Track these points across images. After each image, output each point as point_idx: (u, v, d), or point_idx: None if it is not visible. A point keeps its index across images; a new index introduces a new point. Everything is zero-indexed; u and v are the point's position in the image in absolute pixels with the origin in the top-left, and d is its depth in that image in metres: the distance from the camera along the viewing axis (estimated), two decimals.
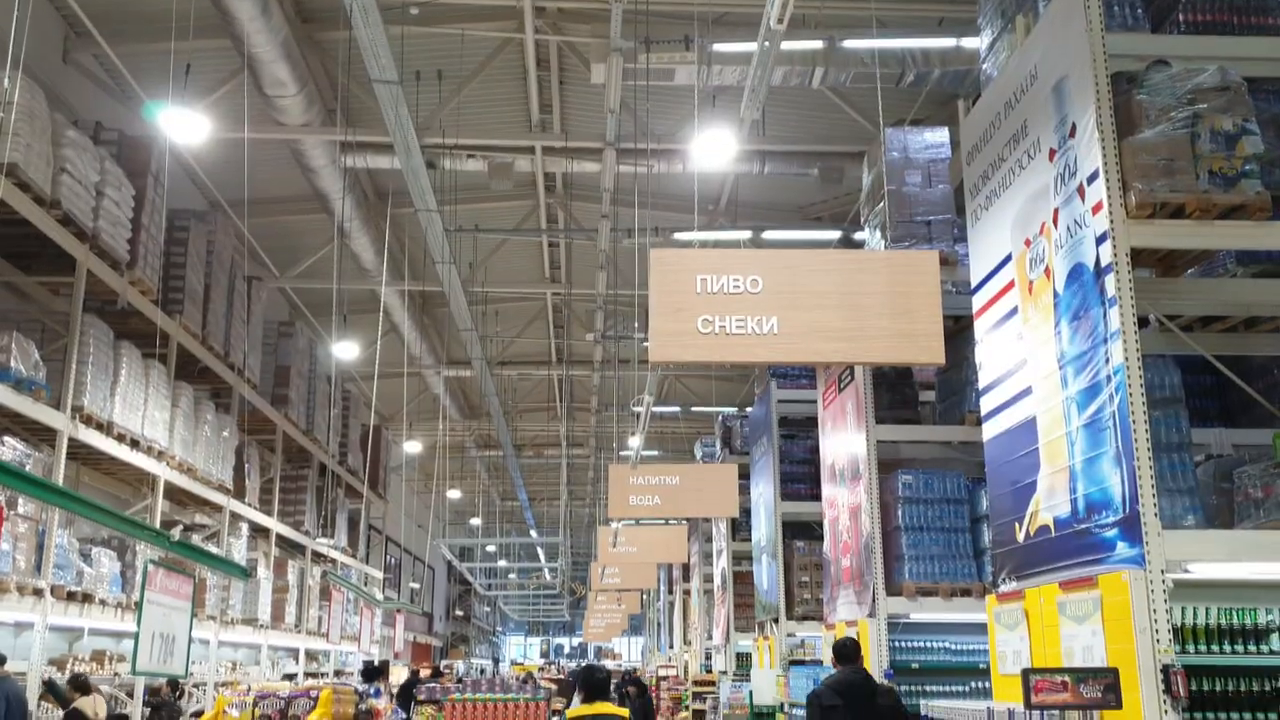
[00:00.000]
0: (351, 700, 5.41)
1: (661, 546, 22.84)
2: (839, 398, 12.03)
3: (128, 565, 11.74)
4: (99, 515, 7.58)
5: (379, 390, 22.00)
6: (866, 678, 7.79)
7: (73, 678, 9.84)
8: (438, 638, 41.24)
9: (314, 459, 19.11)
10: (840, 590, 12.00)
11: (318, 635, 19.52)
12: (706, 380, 24.17)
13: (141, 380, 11.64)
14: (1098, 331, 6.46)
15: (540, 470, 34.77)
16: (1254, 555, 6.21)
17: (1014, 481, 7.51)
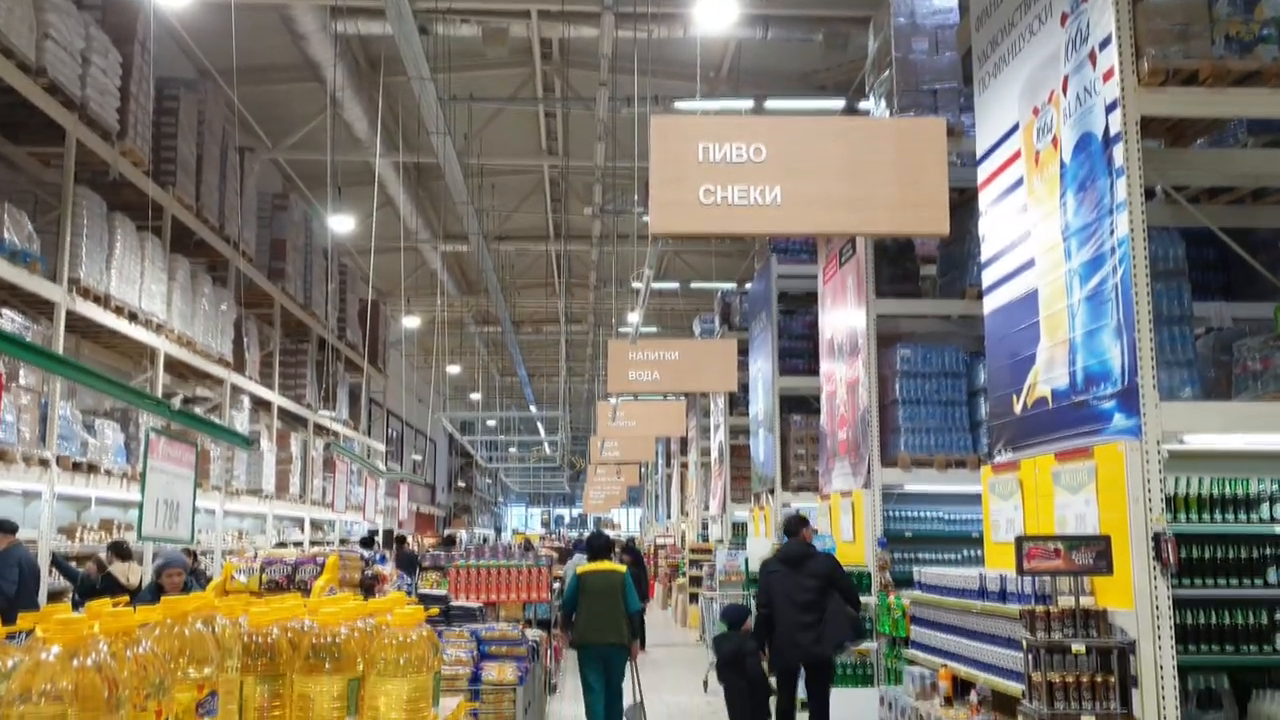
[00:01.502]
0: (358, 566, 5.51)
1: (660, 420, 23.11)
2: (840, 272, 11.98)
3: (131, 437, 11.86)
4: (100, 384, 7.60)
5: (376, 266, 21.89)
6: (803, 547, 8.46)
7: (113, 544, 10.08)
8: (440, 508, 42.04)
9: (313, 333, 19.13)
10: (836, 462, 12.17)
11: (322, 505, 19.87)
12: (706, 255, 24.02)
13: (137, 253, 11.56)
14: (1104, 203, 6.38)
15: (539, 346, 34.90)
16: (1249, 427, 6.27)
17: (1013, 354, 7.53)
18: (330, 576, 5.04)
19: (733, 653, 8.15)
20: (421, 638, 2.41)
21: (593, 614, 8.40)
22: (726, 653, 8.30)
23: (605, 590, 8.48)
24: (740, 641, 8.25)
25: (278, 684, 2.30)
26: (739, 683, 8.13)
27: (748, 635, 8.28)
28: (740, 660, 8.09)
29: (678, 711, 10.83)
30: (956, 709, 6.68)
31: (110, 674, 1.54)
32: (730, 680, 8.23)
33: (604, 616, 8.41)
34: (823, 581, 8.16)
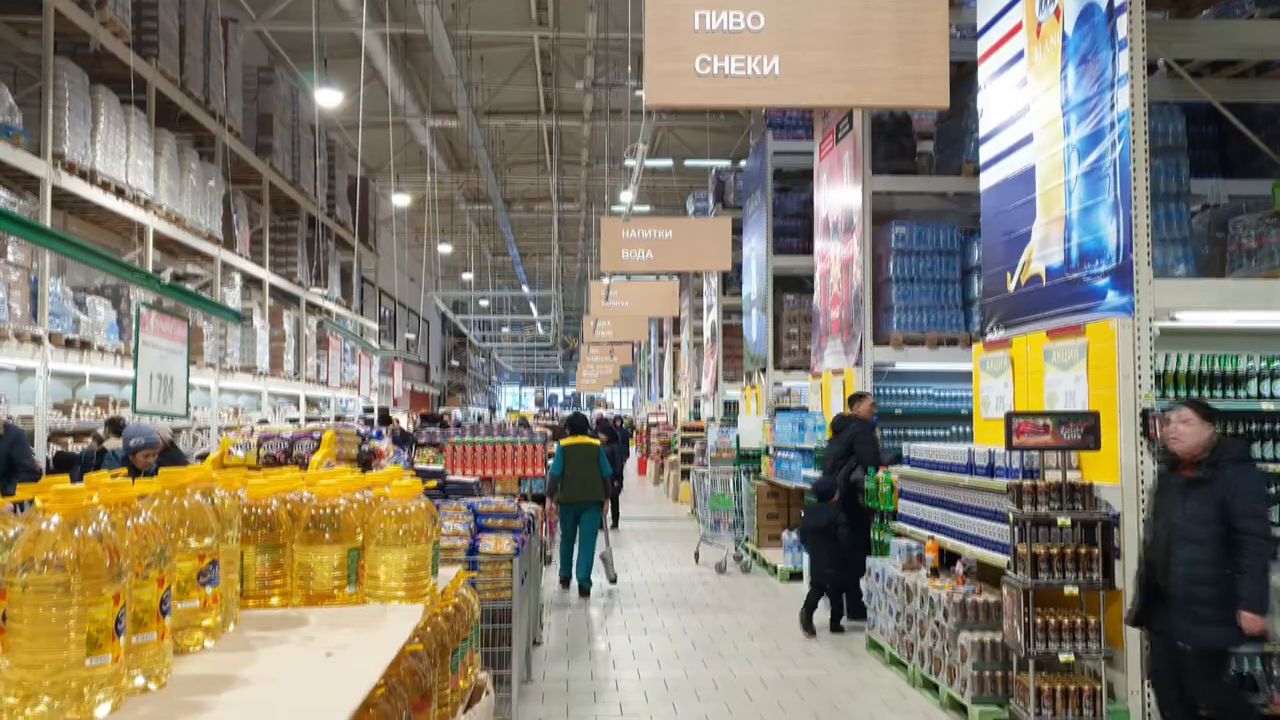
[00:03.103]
0: (354, 442, 5.54)
1: (653, 300, 23.10)
2: (836, 148, 11.81)
3: (123, 314, 11.83)
4: (90, 258, 7.52)
5: (365, 142, 21.52)
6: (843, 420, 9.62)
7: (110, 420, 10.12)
8: (435, 387, 42.30)
9: (302, 210, 18.92)
10: (828, 341, 12.21)
11: (317, 383, 19.98)
12: (700, 132, 23.63)
13: (122, 127, 11.32)
14: (1105, 76, 6.25)
15: (531, 225, 34.60)
16: (1242, 304, 6.28)
17: (1008, 231, 7.49)
18: (327, 451, 5.09)
19: (828, 522, 8.77)
20: (420, 509, 2.43)
21: (574, 477, 10.35)
22: (818, 522, 8.88)
23: (584, 458, 10.43)
24: (832, 513, 8.82)
25: (278, 554, 2.33)
26: (827, 549, 8.74)
27: (836, 507, 8.87)
28: (832, 529, 8.72)
29: (670, 581, 11.12)
30: (942, 580, 6.86)
31: (111, 543, 1.55)
32: (818, 545, 8.85)
33: (583, 479, 10.39)
34: (844, 446, 9.15)
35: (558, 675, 7.25)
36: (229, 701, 1.59)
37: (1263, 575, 4.74)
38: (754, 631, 8.67)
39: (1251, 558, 4.72)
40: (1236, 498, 4.78)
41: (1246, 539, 4.73)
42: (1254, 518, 4.76)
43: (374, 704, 1.87)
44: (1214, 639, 4.86)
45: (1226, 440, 5.05)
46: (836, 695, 6.74)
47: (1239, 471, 4.87)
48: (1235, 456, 4.93)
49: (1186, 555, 4.90)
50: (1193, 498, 4.92)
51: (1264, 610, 4.74)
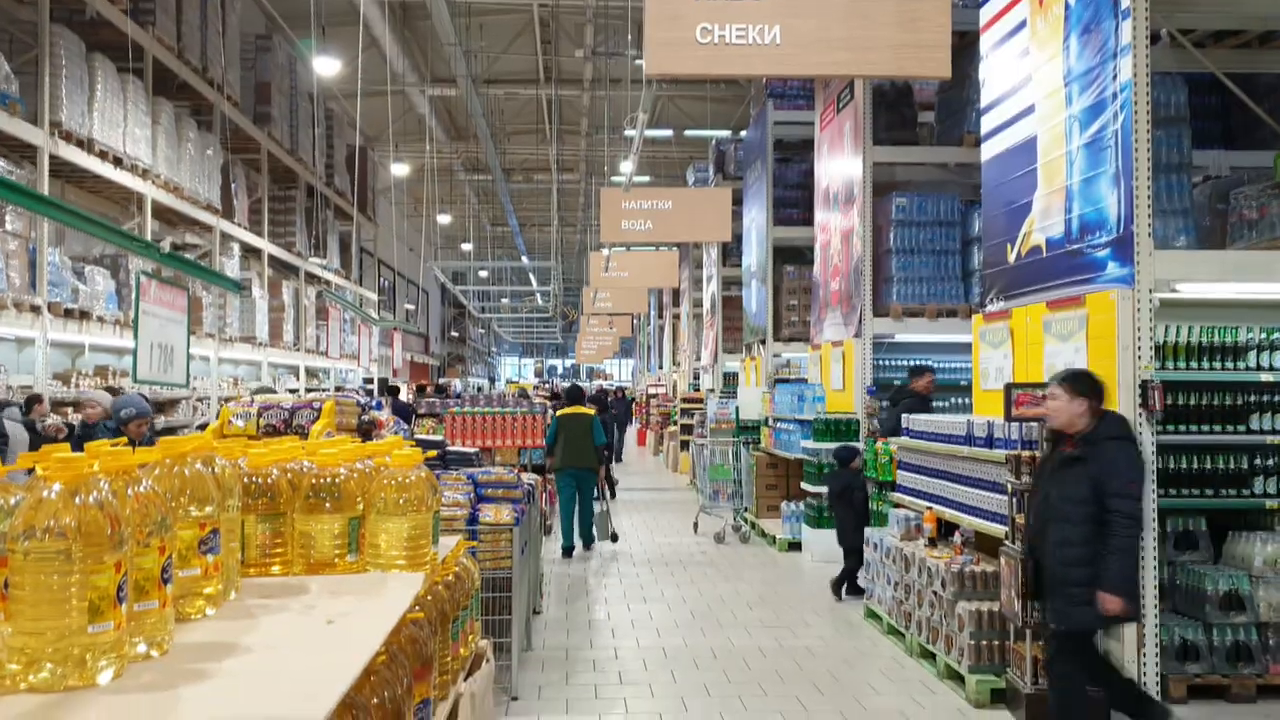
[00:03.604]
0: (355, 412, 5.55)
1: (653, 271, 23.07)
2: (837, 118, 11.75)
3: (122, 284, 11.80)
4: (89, 226, 7.50)
5: (363, 110, 21.39)
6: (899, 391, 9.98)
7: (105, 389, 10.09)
8: (434, 358, 42.32)
9: (301, 180, 18.85)
10: (828, 312, 12.20)
11: (316, 353, 19.98)
12: (700, 101, 23.50)
13: (119, 95, 11.26)
14: (1108, 46, 6.21)
15: (530, 195, 34.48)
16: (1242, 276, 6.27)
17: (1009, 202, 7.46)
18: (327, 421, 5.09)
19: (843, 487, 8.83)
20: (420, 478, 2.44)
21: (568, 446, 10.92)
22: (836, 488, 8.95)
23: (578, 428, 11.03)
24: (849, 477, 8.90)
25: (278, 523, 2.34)
26: (848, 513, 8.79)
27: (856, 472, 8.94)
28: (849, 494, 8.80)
29: (669, 551, 11.18)
30: (940, 550, 6.89)
31: (113, 511, 1.55)
32: (840, 511, 8.91)
33: (577, 447, 10.95)
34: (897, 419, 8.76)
35: (557, 644, 7.30)
36: (231, 669, 1.60)
37: (1127, 557, 4.62)
38: (752, 601, 8.73)
39: (1117, 538, 4.60)
40: (1109, 476, 4.67)
41: (1114, 518, 4.61)
42: (1124, 497, 4.63)
43: (375, 671, 1.89)
44: (1084, 621, 4.75)
45: (1109, 416, 4.92)
46: (834, 664, 6.79)
47: (1114, 449, 4.74)
48: (1112, 434, 4.80)
49: (1059, 535, 4.81)
50: (1068, 475, 4.82)
51: (1125, 593, 4.60)
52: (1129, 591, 4.65)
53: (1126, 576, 4.64)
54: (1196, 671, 5.93)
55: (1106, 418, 4.90)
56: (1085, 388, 4.91)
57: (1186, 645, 5.94)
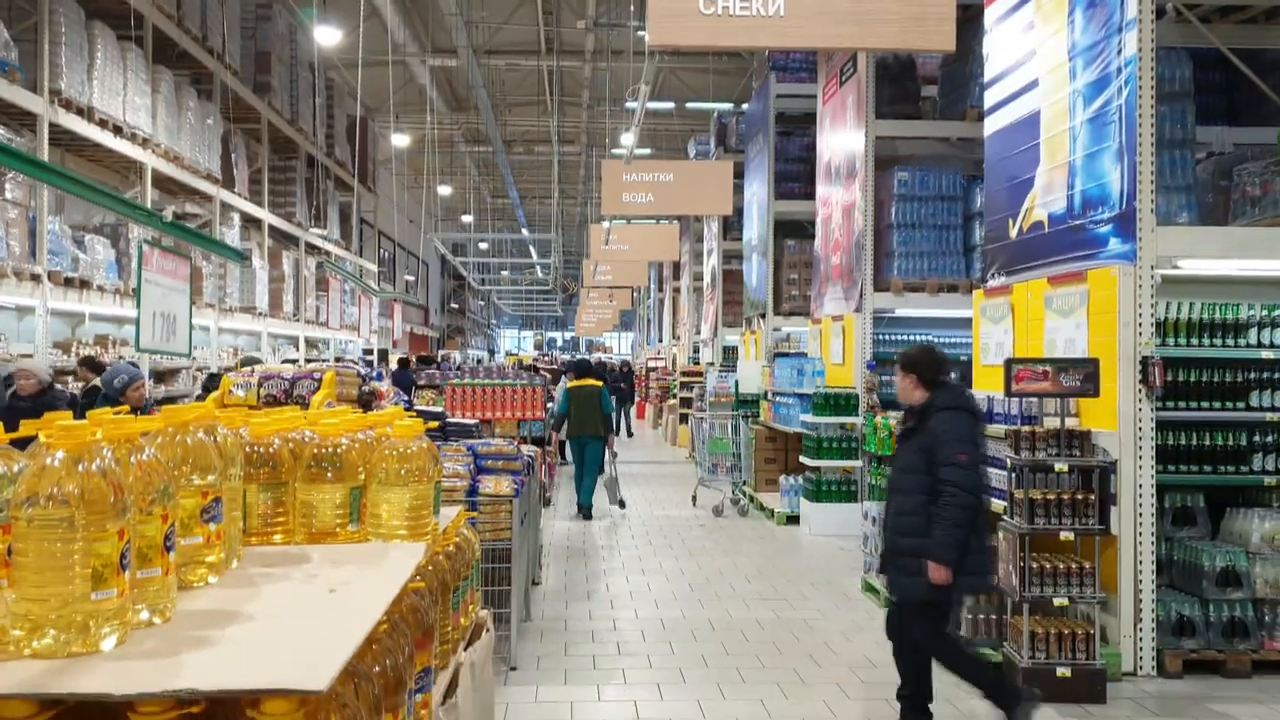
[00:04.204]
0: (355, 383, 5.55)
1: (653, 244, 23.01)
2: (840, 92, 11.69)
3: (122, 253, 11.77)
4: (91, 194, 7.48)
5: (364, 81, 21.26)
6: None
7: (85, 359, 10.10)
8: (434, 329, 42.29)
9: (301, 150, 18.76)
10: (828, 287, 12.19)
11: (316, 324, 19.96)
12: (703, 74, 23.35)
13: (118, 64, 11.18)
14: (1113, 20, 6.17)
15: (531, 168, 34.34)
16: (1245, 252, 6.26)
17: (1012, 177, 7.44)
18: (328, 392, 5.09)
19: None
20: (421, 449, 2.44)
21: (578, 415, 11.75)
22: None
23: (586, 398, 11.81)
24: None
25: (280, 492, 2.35)
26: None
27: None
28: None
29: (667, 524, 11.22)
30: None
31: (116, 479, 1.56)
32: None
33: (585, 416, 11.75)
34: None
35: (556, 615, 7.34)
36: (234, 636, 1.61)
37: (954, 527, 4.53)
38: (750, 574, 8.76)
39: (946, 508, 4.54)
40: (938, 446, 4.62)
41: (944, 488, 4.55)
42: (952, 466, 4.56)
43: (377, 640, 1.90)
44: (914, 590, 4.71)
45: (945, 387, 4.85)
46: (831, 636, 6.83)
47: (944, 419, 4.67)
48: (944, 404, 4.74)
49: (896, 505, 4.81)
50: (905, 448, 4.81)
51: (949, 562, 4.52)
52: (955, 561, 4.54)
53: (951, 546, 4.53)
54: (1192, 647, 5.97)
55: (942, 389, 4.82)
56: (909, 363, 4.88)
57: (1183, 620, 5.98)
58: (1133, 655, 5.91)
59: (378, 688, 1.80)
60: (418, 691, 2.15)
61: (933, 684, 4.95)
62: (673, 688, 5.81)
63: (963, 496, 4.53)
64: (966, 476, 4.57)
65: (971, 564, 4.63)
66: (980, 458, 4.78)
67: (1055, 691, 5.48)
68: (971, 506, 4.57)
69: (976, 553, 4.66)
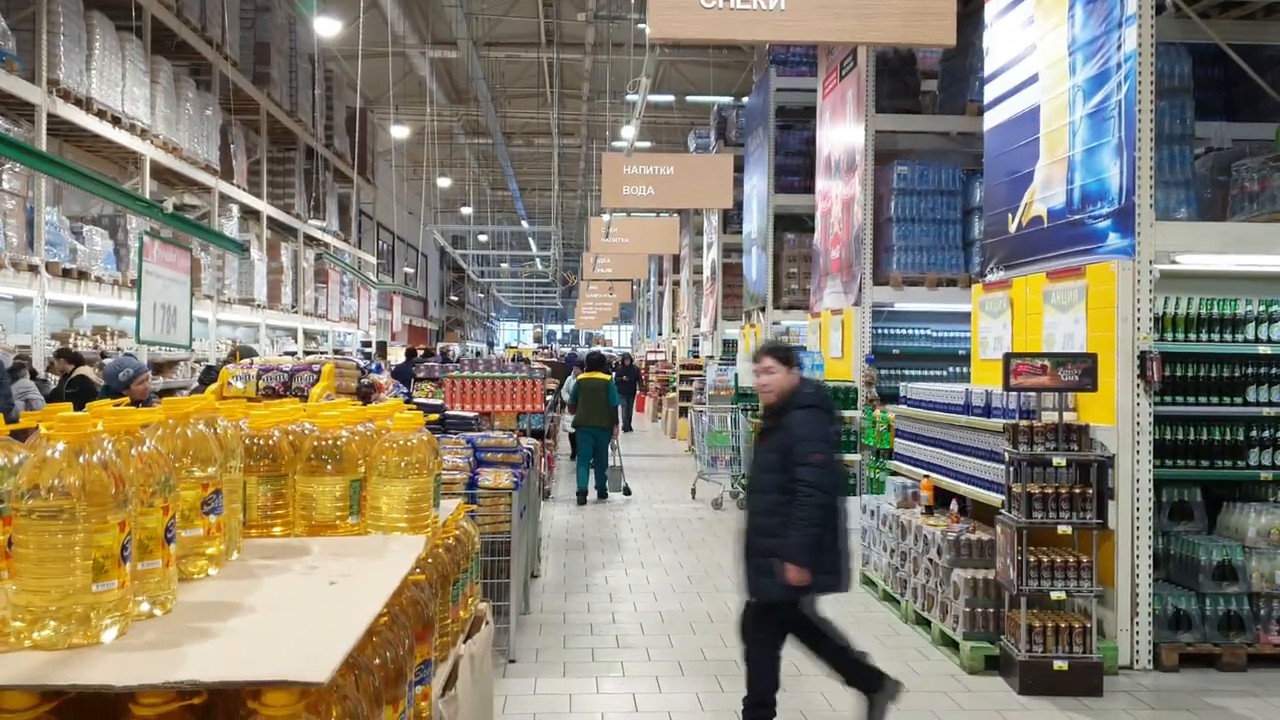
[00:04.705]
0: (354, 375, 5.54)
1: (653, 237, 23.00)
2: (839, 86, 11.68)
3: (120, 244, 11.77)
4: (91, 185, 7.47)
5: (363, 72, 21.24)
6: None
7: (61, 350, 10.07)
8: (433, 322, 42.26)
9: (300, 141, 18.74)
10: (828, 280, 12.19)
11: (315, 316, 19.95)
12: (703, 67, 23.34)
13: (117, 54, 11.17)
14: (1112, 15, 6.17)
15: (531, 160, 34.31)
16: (1243, 248, 6.26)
17: (1011, 172, 7.44)
18: (327, 384, 5.09)
19: None
20: (421, 441, 2.45)
21: (588, 406, 12.36)
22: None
23: (596, 390, 12.41)
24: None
25: (280, 484, 2.35)
26: None
27: None
28: None
29: (666, 517, 11.24)
30: (937, 517, 6.93)
31: (117, 471, 1.56)
32: None
33: (594, 408, 12.36)
34: None
35: (555, 607, 7.35)
36: (235, 628, 1.62)
37: (810, 527, 4.44)
38: None
39: (800, 509, 4.45)
40: (794, 445, 4.53)
41: (798, 487, 4.47)
42: (806, 465, 4.46)
43: (377, 632, 1.90)
44: (770, 591, 4.61)
45: (803, 385, 4.78)
46: None
47: (800, 418, 4.59)
48: (801, 403, 4.66)
49: (753, 505, 4.74)
50: (764, 447, 4.74)
51: (805, 563, 4.44)
52: (810, 562, 4.46)
53: (806, 547, 4.45)
54: (1188, 640, 5.99)
55: (801, 388, 4.75)
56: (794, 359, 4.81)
57: (1179, 614, 6.00)
58: (1129, 649, 5.93)
59: (378, 679, 1.81)
60: (418, 683, 2.15)
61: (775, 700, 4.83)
62: (671, 680, 5.82)
63: (818, 496, 4.45)
64: (822, 476, 4.49)
65: (826, 563, 4.53)
66: (835, 456, 4.71)
67: (1052, 684, 5.50)
68: (826, 506, 4.50)
69: (830, 552, 4.56)
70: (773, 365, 4.74)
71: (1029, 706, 5.38)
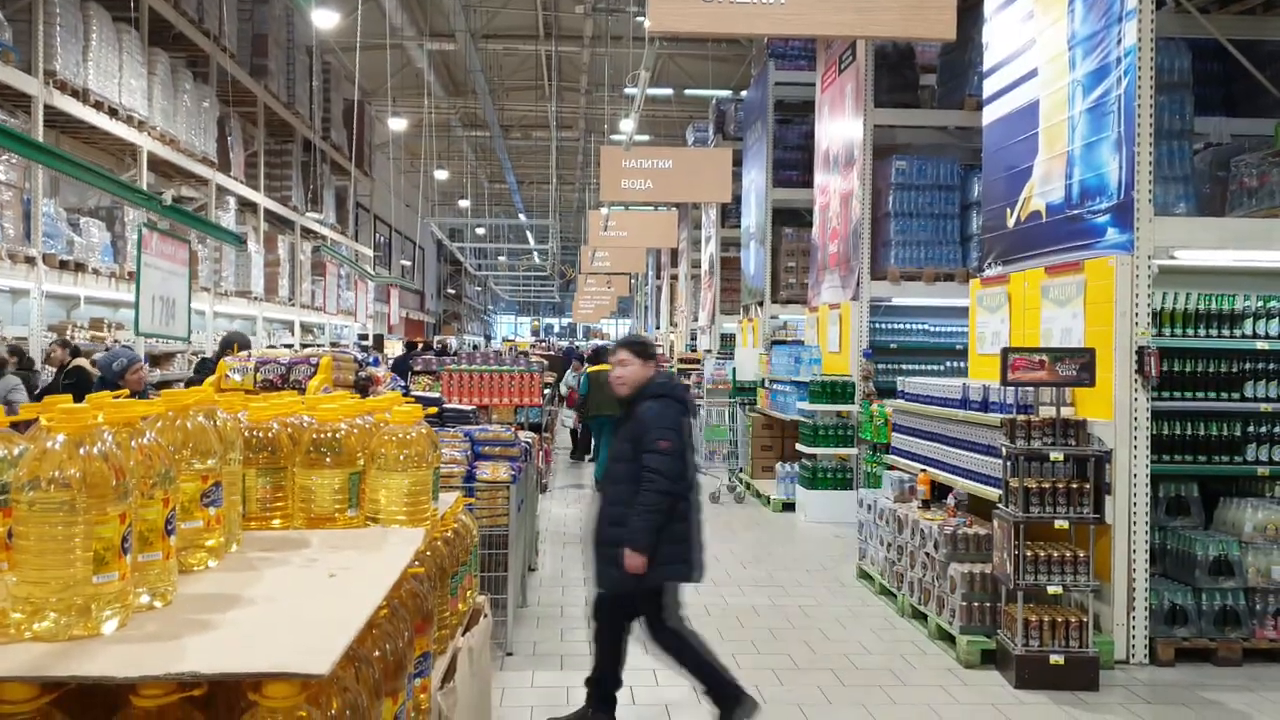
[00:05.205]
0: (352, 368, 5.53)
1: (651, 231, 22.96)
2: (838, 80, 11.67)
3: (118, 236, 11.75)
4: (90, 176, 7.45)
5: (361, 64, 21.20)
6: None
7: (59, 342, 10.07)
8: (430, 315, 42.23)
9: (297, 134, 18.71)
10: (825, 275, 12.19)
11: (312, 309, 19.93)
12: (702, 60, 23.30)
13: (114, 45, 11.14)
14: (1112, 10, 6.16)
15: (528, 153, 34.26)
16: (1242, 243, 6.27)
17: (1010, 167, 7.44)
18: (325, 377, 5.09)
19: None
20: (420, 434, 2.45)
21: (597, 396, 12.96)
22: None
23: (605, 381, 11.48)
24: None
25: (279, 476, 2.35)
26: None
27: None
28: None
29: None
30: (933, 511, 6.94)
31: (117, 463, 1.56)
32: None
33: (605, 397, 12.00)
34: None
35: (552, 600, 7.36)
36: (235, 620, 1.62)
37: (649, 513, 4.44)
38: (747, 560, 8.79)
39: (643, 494, 4.46)
40: (642, 433, 4.54)
41: (645, 475, 4.47)
42: (653, 453, 4.48)
43: (377, 624, 1.90)
44: (616, 581, 4.61)
45: (656, 376, 4.77)
46: (826, 624, 6.86)
47: (651, 407, 4.62)
48: (652, 393, 4.69)
49: (605, 496, 4.75)
50: (618, 437, 4.76)
51: (644, 549, 4.44)
52: (647, 547, 4.46)
53: (644, 534, 4.45)
54: (1184, 635, 6.00)
55: (655, 379, 4.76)
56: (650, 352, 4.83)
57: (1176, 609, 6.01)
58: (1125, 643, 5.94)
59: (378, 672, 1.81)
60: (416, 676, 2.16)
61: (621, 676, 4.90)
62: (668, 673, 5.82)
63: (661, 483, 4.46)
64: (668, 464, 4.49)
65: (670, 553, 4.53)
66: (685, 446, 4.68)
67: (1049, 679, 5.51)
68: (670, 493, 4.50)
69: (679, 542, 4.56)
70: (627, 358, 4.77)
71: (1025, 701, 5.39)
